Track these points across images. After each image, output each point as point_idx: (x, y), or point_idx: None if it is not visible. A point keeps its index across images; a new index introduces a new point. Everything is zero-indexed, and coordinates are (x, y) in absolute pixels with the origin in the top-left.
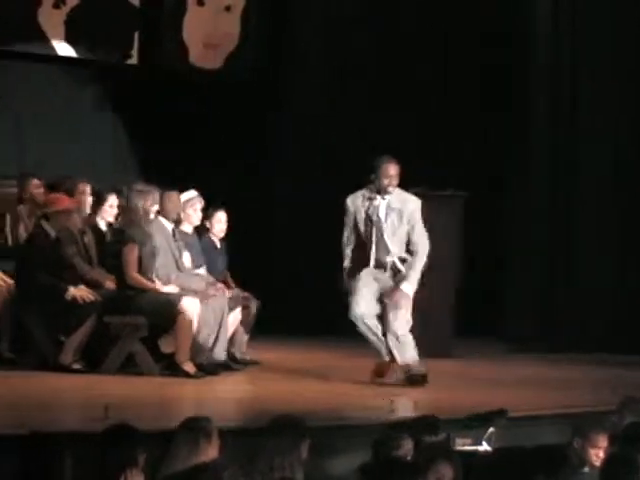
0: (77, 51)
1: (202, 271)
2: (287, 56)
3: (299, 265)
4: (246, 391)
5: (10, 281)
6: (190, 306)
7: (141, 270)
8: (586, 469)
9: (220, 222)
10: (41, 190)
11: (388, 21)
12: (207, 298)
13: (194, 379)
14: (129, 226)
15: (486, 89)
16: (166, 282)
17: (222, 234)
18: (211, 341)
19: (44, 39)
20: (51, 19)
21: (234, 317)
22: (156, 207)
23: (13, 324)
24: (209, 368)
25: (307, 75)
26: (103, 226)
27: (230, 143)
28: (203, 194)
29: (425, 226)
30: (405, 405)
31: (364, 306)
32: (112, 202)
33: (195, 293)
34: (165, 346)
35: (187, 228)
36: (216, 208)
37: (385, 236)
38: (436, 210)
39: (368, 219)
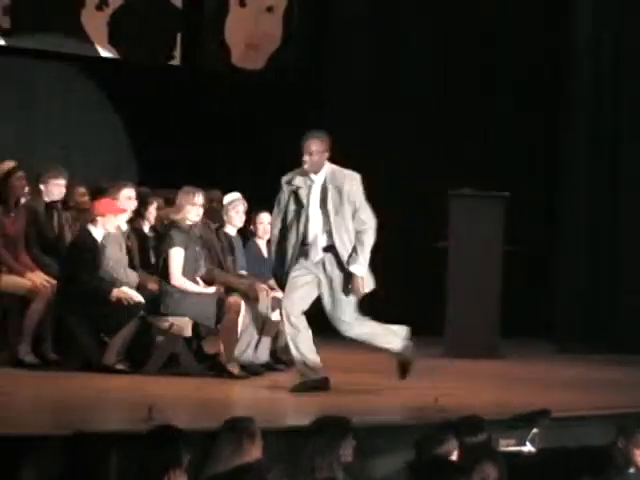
0: (120, 52)
1: (245, 273)
2: (329, 56)
3: None
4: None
5: (54, 282)
6: (234, 306)
7: (186, 270)
8: (631, 470)
9: (264, 224)
10: (86, 198)
11: (433, 20)
12: (250, 299)
13: (238, 379)
14: (173, 228)
15: (525, 89)
16: (210, 283)
17: (267, 236)
18: (255, 342)
19: (87, 40)
20: (94, 21)
21: (277, 318)
22: (200, 209)
23: (56, 325)
24: (253, 368)
25: (349, 75)
26: (147, 229)
27: (272, 144)
28: (245, 196)
29: (467, 227)
30: (450, 405)
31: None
32: (156, 204)
33: (239, 293)
34: (209, 347)
35: (230, 230)
36: (259, 210)
37: (316, 220)
38: (478, 211)
39: (299, 201)
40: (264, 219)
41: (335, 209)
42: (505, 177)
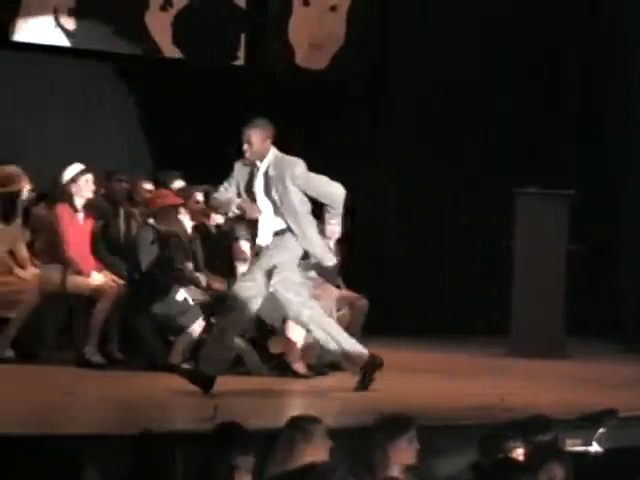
0: (183, 53)
1: (312, 274)
2: (393, 55)
3: (410, 264)
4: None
5: (120, 282)
6: None
7: None
8: None
9: (331, 225)
10: (151, 195)
11: (493, 23)
12: (315, 298)
13: (304, 379)
14: (237, 225)
15: (587, 89)
16: None
17: (335, 236)
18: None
19: (151, 41)
20: (158, 21)
21: (343, 317)
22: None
23: (122, 324)
24: (318, 368)
25: (413, 74)
26: (212, 228)
27: (337, 144)
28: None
29: (532, 225)
30: (515, 404)
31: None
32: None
33: None
34: (274, 347)
35: None
36: (326, 211)
37: (263, 204)
38: (544, 209)
39: (247, 188)
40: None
41: (280, 196)
42: (571, 175)
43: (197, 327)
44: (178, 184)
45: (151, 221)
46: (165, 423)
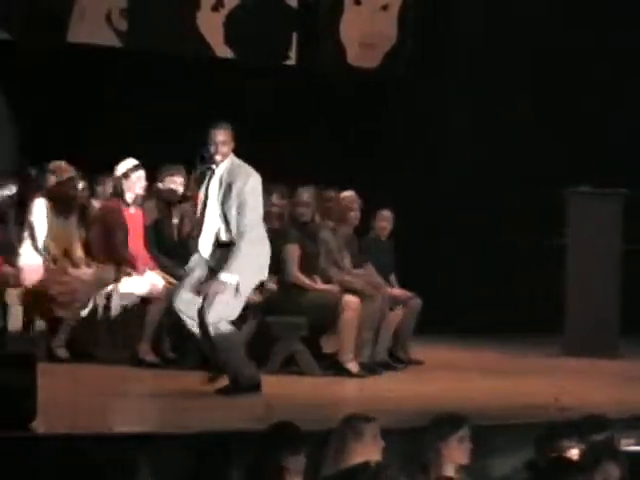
0: (235, 53)
1: (362, 271)
2: (445, 54)
3: (463, 264)
4: (408, 390)
5: (173, 282)
6: (352, 305)
7: (303, 269)
8: None
9: (384, 221)
10: None
11: (549, 21)
12: (367, 297)
13: (357, 378)
14: (291, 225)
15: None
16: (327, 281)
17: (386, 233)
18: (372, 340)
19: (202, 41)
20: (209, 22)
21: (396, 316)
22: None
23: (175, 325)
24: (371, 367)
25: (465, 72)
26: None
27: (391, 142)
28: (366, 194)
29: (585, 224)
30: (570, 403)
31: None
32: (275, 202)
33: (356, 292)
34: (327, 346)
35: (346, 229)
36: (381, 208)
37: (211, 213)
38: (596, 208)
39: (203, 192)
40: (386, 217)
41: (223, 205)
42: (623, 174)
43: (249, 327)
44: None
45: None
46: (219, 422)
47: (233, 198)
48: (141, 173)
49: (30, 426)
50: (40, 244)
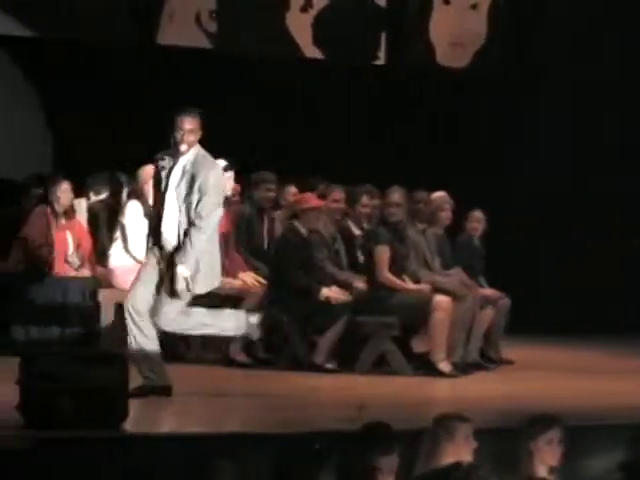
0: (324, 53)
1: (453, 272)
2: (535, 53)
3: (553, 263)
4: (500, 390)
5: (264, 282)
6: (443, 304)
7: (392, 269)
8: None
9: (476, 222)
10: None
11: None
12: (459, 297)
13: (448, 378)
14: (381, 226)
15: None
16: (417, 282)
17: (478, 234)
18: (463, 340)
19: (291, 42)
20: (298, 22)
21: (486, 316)
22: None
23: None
24: (462, 367)
25: (555, 72)
26: (355, 229)
27: (482, 142)
28: (458, 194)
29: None
30: None
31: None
32: (365, 203)
33: (447, 292)
34: (418, 346)
35: (437, 230)
36: (472, 208)
37: (172, 205)
38: None
39: (163, 182)
40: (477, 217)
41: (184, 197)
42: None
43: (339, 327)
44: (337, 195)
45: (295, 224)
46: (310, 422)
47: (195, 191)
48: (230, 174)
49: (121, 426)
50: (132, 246)
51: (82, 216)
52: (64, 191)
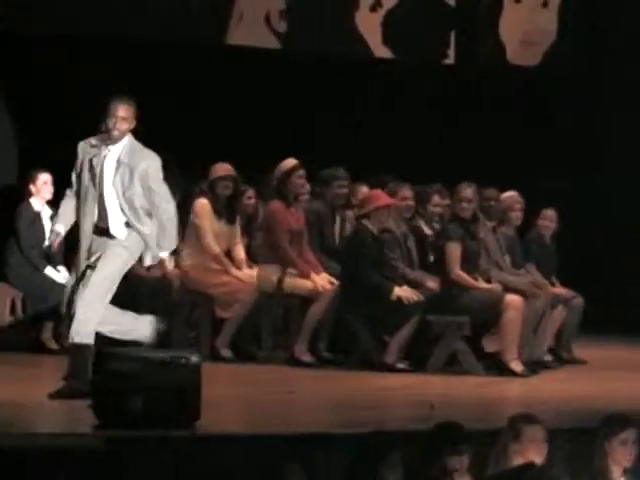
0: (394, 52)
1: (524, 271)
2: (607, 50)
3: (627, 262)
4: (573, 390)
5: (336, 282)
6: (514, 303)
7: (464, 267)
8: None
9: (548, 221)
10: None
11: None
12: (530, 297)
13: (520, 378)
14: (452, 222)
15: None
16: (488, 280)
17: (550, 233)
18: (533, 339)
19: (361, 42)
20: (368, 22)
21: (559, 315)
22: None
23: (335, 324)
24: (532, 367)
25: (628, 69)
26: (426, 229)
27: (553, 141)
28: (529, 193)
29: None
30: None
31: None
32: (436, 202)
33: (518, 292)
34: (489, 345)
35: (507, 229)
36: (546, 207)
37: (108, 195)
38: None
39: (92, 171)
40: (550, 216)
41: (123, 188)
42: None
43: (411, 326)
44: (405, 193)
45: (365, 222)
46: (382, 422)
47: (136, 183)
48: (302, 172)
49: (194, 425)
50: (202, 244)
51: None
52: None
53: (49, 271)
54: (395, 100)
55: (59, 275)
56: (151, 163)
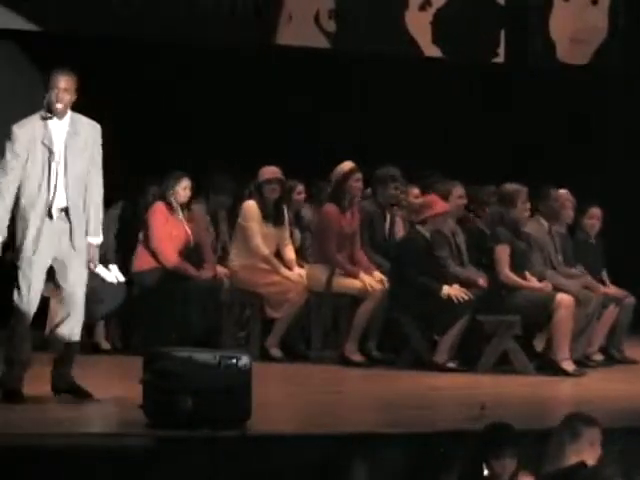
0: (444, 51)
1: (575, 271)
2: None
3: None
4: (625, 390)
5: (385, 282)
6: (565, 303)
7: (514, 268)
8: None
9: (594, 219)
10: (419, 200)
11: None
12: (582, 300)
13: (572, 377)
14: (500, 225)
15: None
16: (540, 279)
17: (595, 230)
18: (585, 339)
19: (411, 41)
20: (417, 21)
21: (610, 315)
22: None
23: (385, 324)
24: (583, 366)
25: None
26: (483, 227)
27: (601, 139)
28: (575, 192)
29: None
30: None
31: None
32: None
33: (568, 291)
34: (540, 345)
35: (560, 227)
36: (590, 205)
37: (62, 173)
38: None
39: (44, 150)
40: (595, 214)
41: (74, 162)
42: None
43: (461, 325)
44: (458, 191)
45: (419, 227)
46: (432, 423)
47: (85, 154)
48: (358, 176)
49: (245, 425)
50: (251, 245)
51: (201, 216)
52: (184, 188)
53: (100, 270)
54: (445, 100)
55: (110, 274)
56: (98, 133)
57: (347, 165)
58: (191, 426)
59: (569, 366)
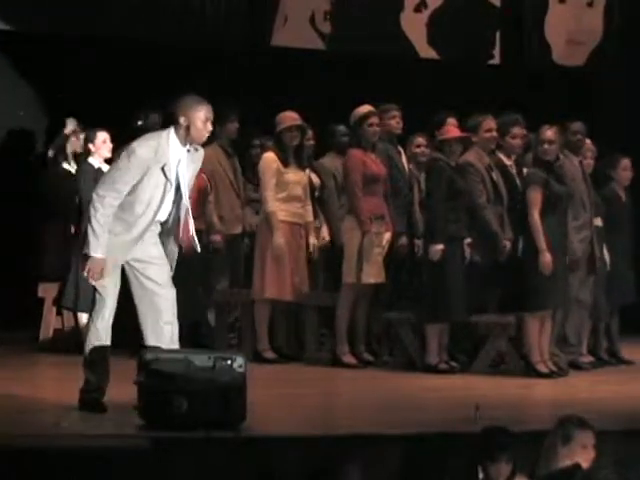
0: (439, 53)
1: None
2: None
3: None
4: (620, 391)
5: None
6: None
7: (552, 212)
8: None
9: (627, 170)
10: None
11: None
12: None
13: (565, 378)
14: (534, 166)
15: None
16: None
17: (626, 183)
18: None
19: (406, 42)
20: (413, 22)
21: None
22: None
23: (377, 325)
24: (568, 368)
25: None
26: (506, 160)
27: (601, 143)
28: None
29: None
30: None
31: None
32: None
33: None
34: None
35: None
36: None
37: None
38: None
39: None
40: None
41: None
42: None
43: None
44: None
45: (440, 155)
46: (426, 424)
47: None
48: (374, 120)
49: (239, 427)
50: (262, 197)
51: None
52: None
53: None
54: (441, 101)
55: None
56: None
57: (364, 108)
58: (186, 427)
59: (543, 367)
